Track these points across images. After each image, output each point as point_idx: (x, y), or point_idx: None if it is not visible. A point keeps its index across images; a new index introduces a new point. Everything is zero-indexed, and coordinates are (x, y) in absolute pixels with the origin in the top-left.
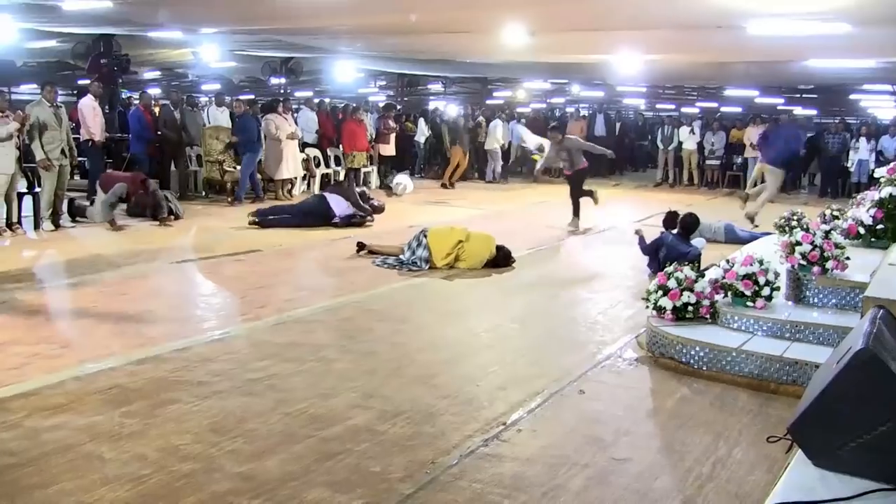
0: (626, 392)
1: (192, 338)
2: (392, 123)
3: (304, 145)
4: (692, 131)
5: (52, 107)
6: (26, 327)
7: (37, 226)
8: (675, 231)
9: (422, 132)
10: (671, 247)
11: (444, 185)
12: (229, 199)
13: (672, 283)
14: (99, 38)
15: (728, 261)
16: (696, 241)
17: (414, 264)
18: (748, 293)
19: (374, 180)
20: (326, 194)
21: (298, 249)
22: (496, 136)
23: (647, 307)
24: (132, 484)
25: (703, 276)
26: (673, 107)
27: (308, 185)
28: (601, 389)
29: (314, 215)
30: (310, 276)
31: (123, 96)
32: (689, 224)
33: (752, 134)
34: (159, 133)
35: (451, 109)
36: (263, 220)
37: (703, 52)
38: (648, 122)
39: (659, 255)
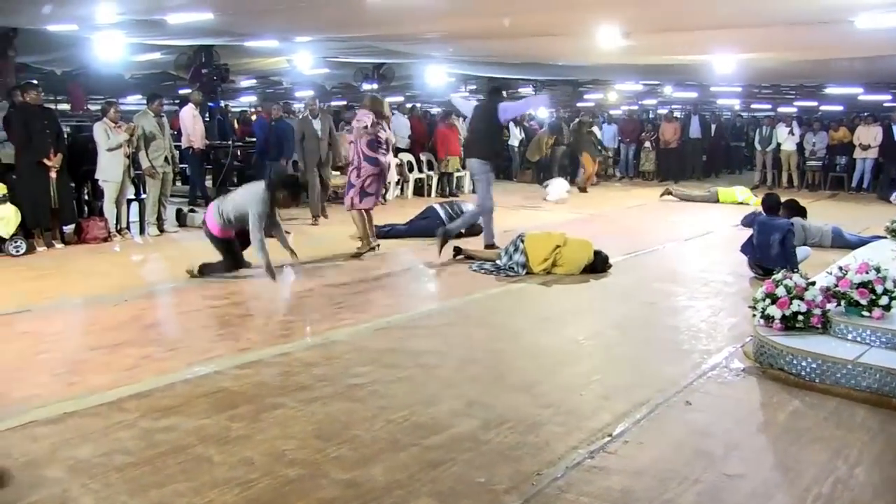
0: (735, 404)
1: (293, 342)
2: None
3: (397, 150)
4: (791, 131)
5: (157, 117)
6: (136, 329)
7: (142, 231)
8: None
9: (514, 136)
10: (761, 222)
11: (581, 189)
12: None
13: (781, 291)
14: (200, 49)
15: (841, 268)
16: (801, 251)
17: (511, 269)
18: (864, 302)
19: (467, 185)
20: (436, 206)
21: (395, 254)
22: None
23: (754, 315)
24: (240, 488)
25: (813, 283)
26: (769, 106)
27: (402, 190)
28: (708, 401)
29: (428, 227)
30: (407, 280)
31: (221, 104)
32: (770, 204)
33: (863, 134)
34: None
35: (542, 113)
36: (379, 232)
37: (804, 50)
38: (744, 122)
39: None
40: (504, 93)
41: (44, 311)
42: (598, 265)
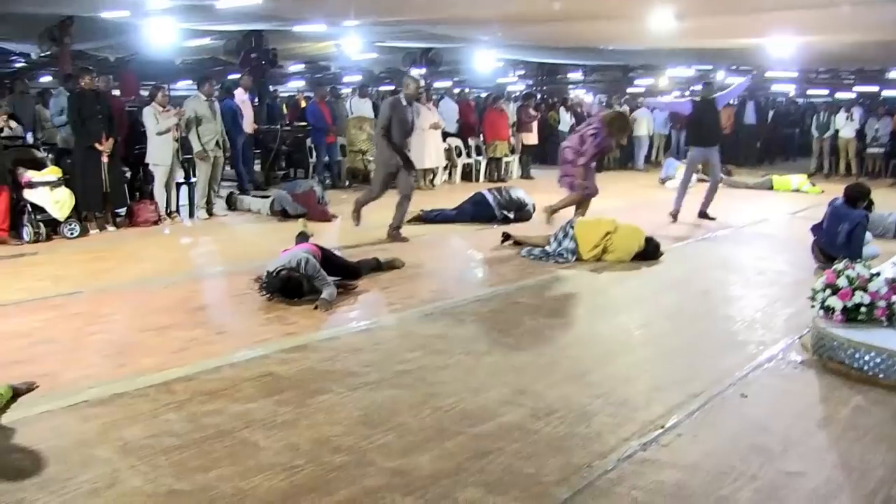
0: (793, 398)
1: (340, 327)
2: (533, 112)
3: (445, 135)
4: (850, 118)
5: (208, 101)
6: (185, 312)
7: (192, 214)
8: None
9: (565, 121)
10: (834, 208)
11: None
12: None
13: (842, 282)
14: (249, 34)
15: None
16: (869, 249)
17: (560, 256)
18: None
19: (515, 170)
20: (484, 191)
21: (444, 239)
22: (643, 124)
23: (813, 306)
24: (286, 473)
25: (877, 275)
26: (826, 92)
27: (450, 175)
28: (764, 394)
29: (477, 213)
30: (456, 266)
31: (271, 89)
32: (852, 194)
33: None
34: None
35: (588, 99)
36: (427, 217)
37: (868, 30)
38: (801, 108)
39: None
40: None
41: (96, 293)
42: (649, 252)
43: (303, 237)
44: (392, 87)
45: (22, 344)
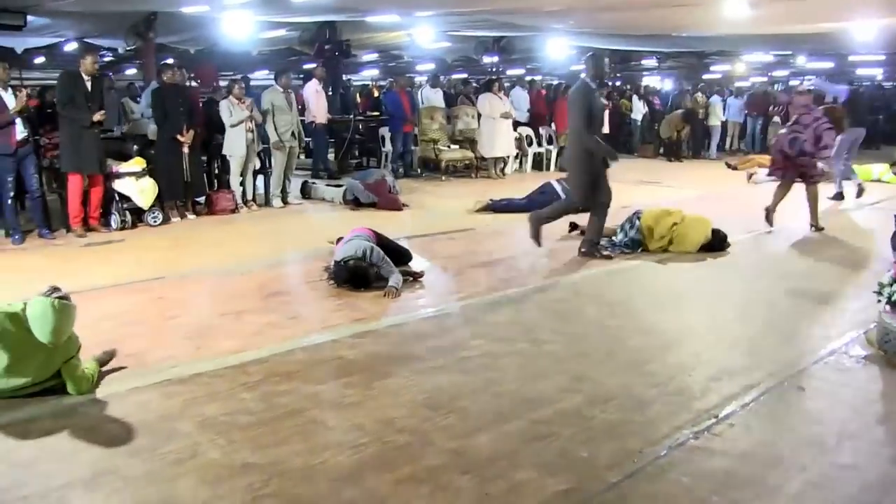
0: (852, 392)
1: (407, 314)
2: (605, 101)
3: (516, 124)
4: None
5: (285, 92)
6: (260, 298)
7: (267, 202)
8: None
9: (638, 110)
10: None
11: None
12: (443, 178)
13: None
14: (323, 24)
15: None
16: None
17: (626, 246)
18: None
19: None
20: (553, 182)
21: (510, 229)
22: (717, 112)
23: (880, 300)
24: (352, 451)
25: None
26: None
27: (521, 164)
28: (823, 388)
29: (545, 203)
30: (522, 255)
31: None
32: None
33: None
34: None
35: (667, 86)
36: (496, 206)
37: None
38: (886, 93)
39: None
40: None
41: (177, 279)
42: (716, 244)
43: None
44: (464, 76)
45: (111, 325)
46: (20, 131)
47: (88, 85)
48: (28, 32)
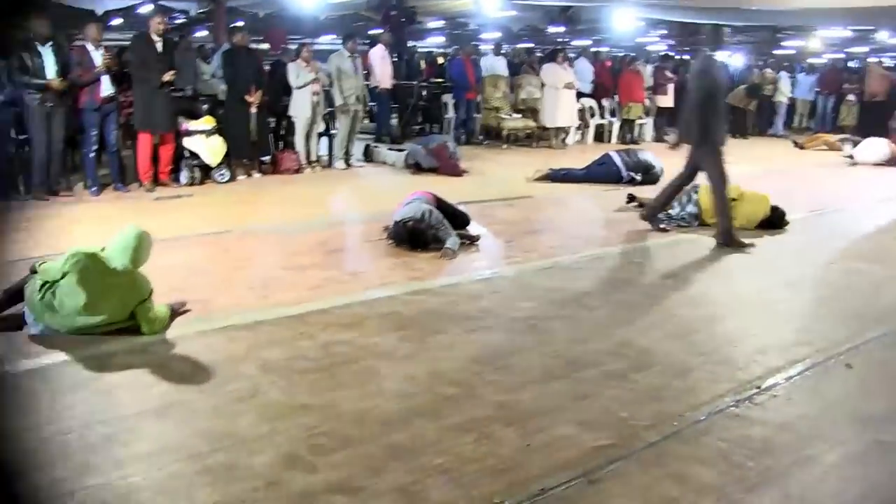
0: None
1: (462, 275)
2: (670, 74)
3: (579, 95)
4: None
5: (351, 57)
6: (321, 254)
7: (331, 164)
8: None
9: None
10: None
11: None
12: (504, 146)
13: None
14: None
15: None
16: None
17: (683, 220)
18: None
19: (649, 133)
20: (612, 153)
21: (568, 198)
22: (783, 88)
23: None
24: (402, 399)
25: None
26: None
27: (582, 135)
28: (872, 366)
29: (604, 174)
30: (578, 224)
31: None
32: None
33: None
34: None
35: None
36: (555, 175)
37: None
38: None
39: None
40: None
41: (242, 233)
42: (774, 221)
43: None
44: (529, 45)
45: (181, 275)
46: (106, 88)
47: (158, 46)
48: None
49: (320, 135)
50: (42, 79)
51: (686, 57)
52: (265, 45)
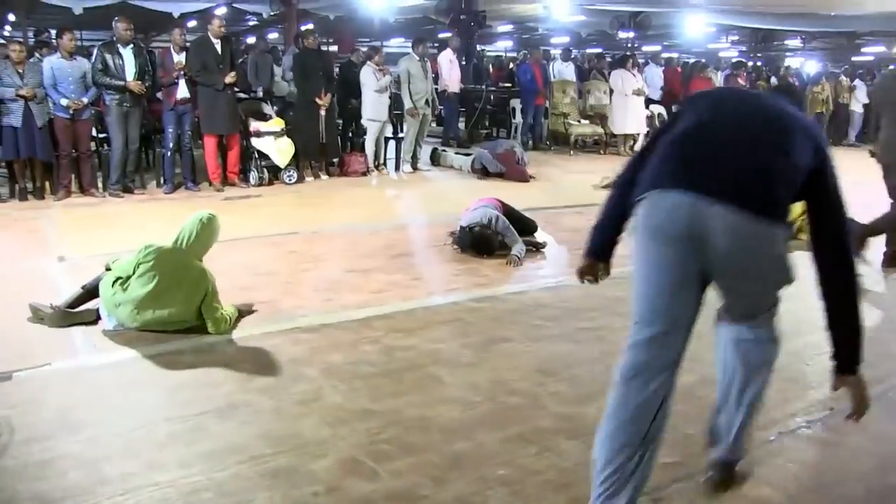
0: None
1: (528, 283)
2: (742, 81)
3: (648, 101)
4: None
5: (421, 60)
6: (386, 258)
7: (398, 167)
8: None
9: None
10: None
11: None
12: (571, 152)
13: None
14: None
15: None
16: None
17: None
18: None
19: None
20: None
21: None
22: (859, 95)
23: None
24: (465, 407)
25: None
26: None
27: None
28: None
29: None
30: None
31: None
32: None
33: None
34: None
35: (810, 67)
36: None
37: None
38: None
39: None
40: None
41: (309, 235)
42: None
43: None
44: (598, 50)
45: (248, 274)
46: (182, 91)
47: (218, 48)
48: None
49: (388, 138)
50: (122, 80)
51: (759, 64)
52: (334, 48)
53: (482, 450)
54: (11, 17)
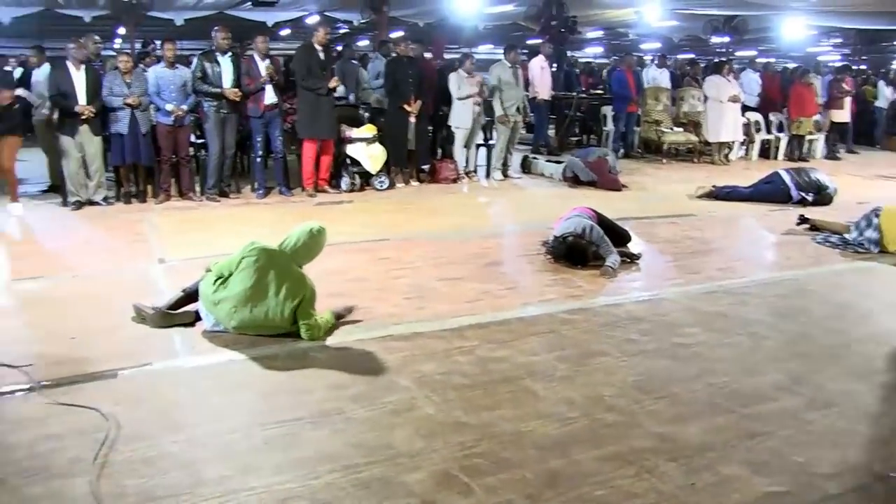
0: None
1: (623, 295)
2: (846, 87)
3: (744, 109)
4: None
5: (512, 67)
6: (478, 266)
7: (488, 174)
8: None
9: (884, 96)
10: None
11: None
12: (664, 160)
13: None
14: (550, 0)
15: None
16: None
17: (861, 245)
18: None
19: (820, 150)
20: (782, 171)
21: (733, 217)
22: None
23: None
24: (560, 423)
25: None
26: None
27: (746, 150)
28: None
29: (771, 193)
30: (744, 246)
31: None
32: None
33: None
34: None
35: None
36: (719, 193)
37: None
38: None
39: None
40: None
41: (400, 241)
42: None
43: None
44: (691, 56)
45: (340, 280)
46: (269, 97)
47: (321, 55)
48: (278, 7)
49: (479, 145)
50: (219, 87)
51: (864, 67)
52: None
53: (578, 468)
54: (121, 31)
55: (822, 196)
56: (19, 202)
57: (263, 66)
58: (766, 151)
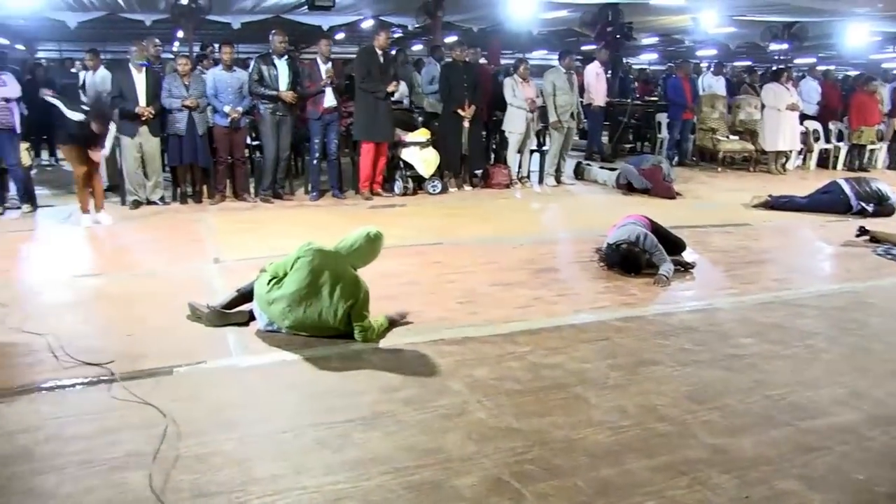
0: None
1: (676, 304)
2: None
3: (803, 117)
4: None
5: (567, 73)
6: (530, 272)
7: (541, 180)
8: None
9: None
10: None
11: None
12: (719, 169)
13: None
14: (605, 6)
15: None
16: None
17: None
18: None
19: (882, 160)
20: (841, 181)
21: (789, 227)
22: None
23: None
24: (612, 432)
25: None
26: None
27: (804, 160)
28: None
29: (830, 203)
30: (801, 256)
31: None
32: None
33: None
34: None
35: None
36: (776, 203)
37: None
38: None
39: None
40: None
41: (452, 245)
42: None
43: None
44: (748, 63)
45: (393, 283)
46: (328, 100)
47: (381, 59)
48: (335, 11)
49: (532, 151)
50: (276, 90)
51: None
52: (482, 60)
53: (630, 478)
54: (180, 34)
55: (883, 207)
56: (104, 210)
57: (325, 69)
58: (825, 161)
